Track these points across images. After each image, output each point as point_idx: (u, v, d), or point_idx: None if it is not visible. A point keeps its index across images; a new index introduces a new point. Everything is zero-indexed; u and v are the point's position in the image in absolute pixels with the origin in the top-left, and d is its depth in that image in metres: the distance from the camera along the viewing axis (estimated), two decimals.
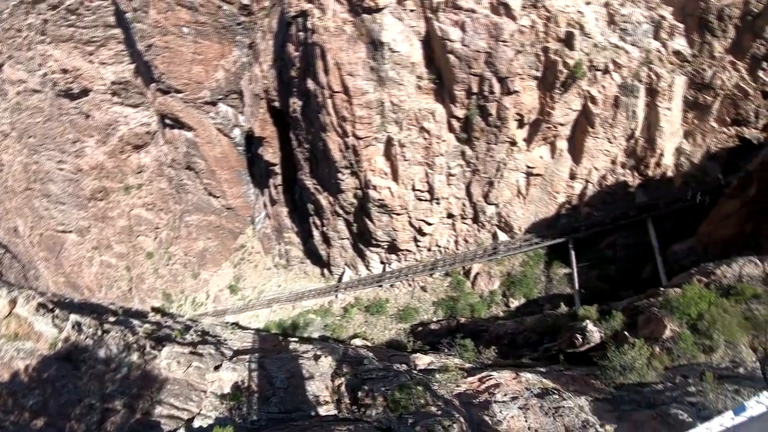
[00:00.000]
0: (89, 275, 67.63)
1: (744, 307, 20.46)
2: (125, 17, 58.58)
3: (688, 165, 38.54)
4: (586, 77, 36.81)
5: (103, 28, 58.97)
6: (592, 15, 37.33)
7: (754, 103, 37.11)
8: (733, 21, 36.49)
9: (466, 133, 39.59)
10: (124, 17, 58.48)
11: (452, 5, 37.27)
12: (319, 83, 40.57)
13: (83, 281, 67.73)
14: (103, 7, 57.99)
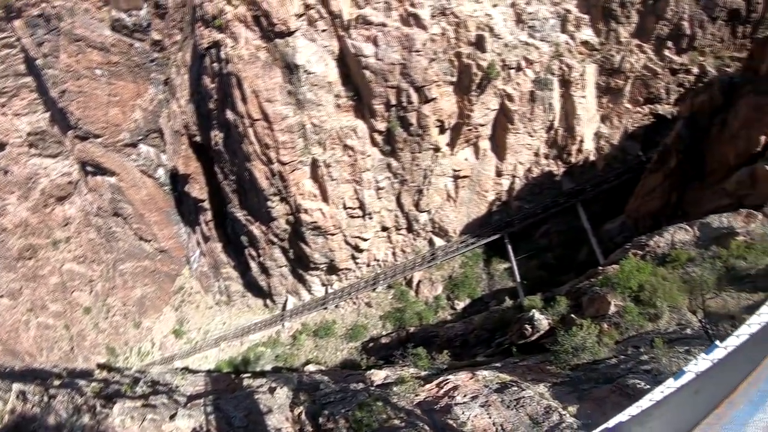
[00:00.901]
0: (27, 340, 63.88)
1: (681, 272, 21.60)
2: (36, 64, 56.29)
3: (608, 147, 40.75)
4: (501, 77, 37.69)
5: (13, 78, 56.43)
6: (500, 16, 38.22)
7: (664, 81, 39.68)
8: (636, 6, 38.65)
9: (389, 146, 39.66)
10: (35, 64, 56.18)
11: (363, 21, 37.84)
12: (238, 113, 40.08)
13: (22, 347, 63.89)
14: (11, 56, 55.50)
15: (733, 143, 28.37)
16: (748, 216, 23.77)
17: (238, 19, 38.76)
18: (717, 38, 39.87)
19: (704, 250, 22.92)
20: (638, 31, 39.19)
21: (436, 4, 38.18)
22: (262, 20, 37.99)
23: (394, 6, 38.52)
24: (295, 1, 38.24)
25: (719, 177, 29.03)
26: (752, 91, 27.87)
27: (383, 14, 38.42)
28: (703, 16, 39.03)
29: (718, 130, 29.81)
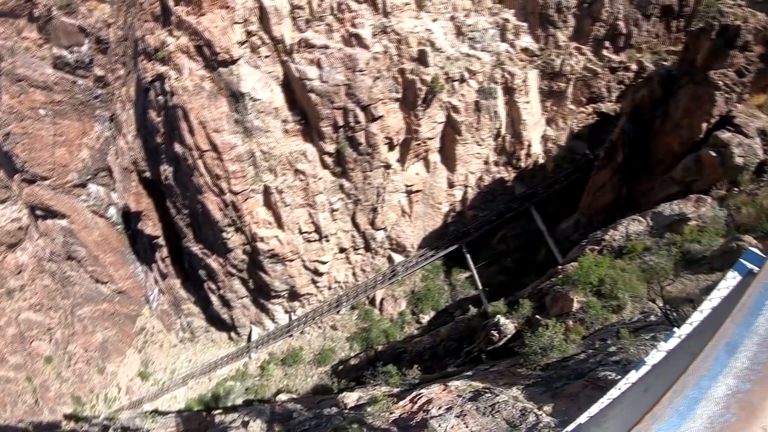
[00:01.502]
0: None
1: (639, 262, 22.28)
2: None
3: (556, 149, 42.24)
4: (445, 89, 38.47)
5: None
6: (440, 30, 38.99)
7: (604, 80, 41.53)
8: (572, 10, 40.02)
9: (340, 167, 39.87)
10: None
11: (305, 45, 38.50)
12: (186, 145, 39.89)
13: None
14: None
15: (676, 133, 29.78)
16: (697, 201, 24.84)
17: (181, 50, 38.82)
18: (652, 34, 41.55)
19: (659, 239, 23.78)
20: (576, 34, 40.49)
21: (377, 23, 38.75)
22: (205, 50, 38.09)
23: (336, 27, 38.97)
24: (236, 29, 38.53)
25: (666, 166, 30.27)
26: (690, 81, 29.26)
27: (325, 36, 38.93)
28: (638, 14, 40.71)
29: (660, 122, 31.15)
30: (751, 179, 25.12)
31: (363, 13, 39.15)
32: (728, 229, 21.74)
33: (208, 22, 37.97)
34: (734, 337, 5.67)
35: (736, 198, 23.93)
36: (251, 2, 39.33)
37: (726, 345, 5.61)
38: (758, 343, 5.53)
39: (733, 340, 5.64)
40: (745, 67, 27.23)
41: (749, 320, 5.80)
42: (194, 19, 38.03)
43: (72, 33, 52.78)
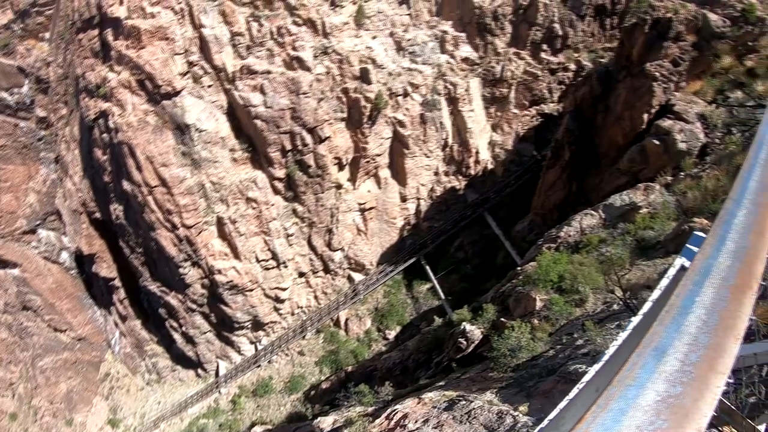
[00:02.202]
0: None
1: (596, 254, 22.90)
2: None
3: (504, 153, 43.46)
4: (389, 105, 39.27)
5: None
6: (380, 47, 39.78)
7: (545, 82, 43.00)
8: (508, 17, 41.19)
9: (292, 191, 40.21)
10: None
11: (248, 71, 39.22)
12: (134, 182, 39.90)
13: None
14: None
15: (619, 125, 30.92)
16: (646, 189, 25.77)
17: (123, 86, 39.10)
18: (588, 34, 43.00)
19: (613, 229, 24.57)
20: (514, 40, 41.71)
21: (318, 45, 39.45)
22: (147, 83, 38.40)
23: (277, 52, 39.51)
24: (177, 60, 39.02)
25: (612, 159, 31.29)
26: (628, 75, 30.52)
27: (267, 62, 39.50)
28: (572, 15, 42.13)
29: (602, 117, 32.40)
30: (694, 163, 26.21)
31: (303, 36, 39.80)
32: (678, 213, 22.81)
33: (149, 55, 38.42)
34: (662, 340, 5.54)
35: (681, 183, 25.01)
36: (191, 32, 39.69)
37: (654, 350, 5.46)
38: (689, 343, 5.42)
39: (662, 344, 5.50)
40: (680, 56, 28.61)
41: (678, 320, 5.71)
42: (134, 53, 38.56)
43: (11, 74, 52.33)
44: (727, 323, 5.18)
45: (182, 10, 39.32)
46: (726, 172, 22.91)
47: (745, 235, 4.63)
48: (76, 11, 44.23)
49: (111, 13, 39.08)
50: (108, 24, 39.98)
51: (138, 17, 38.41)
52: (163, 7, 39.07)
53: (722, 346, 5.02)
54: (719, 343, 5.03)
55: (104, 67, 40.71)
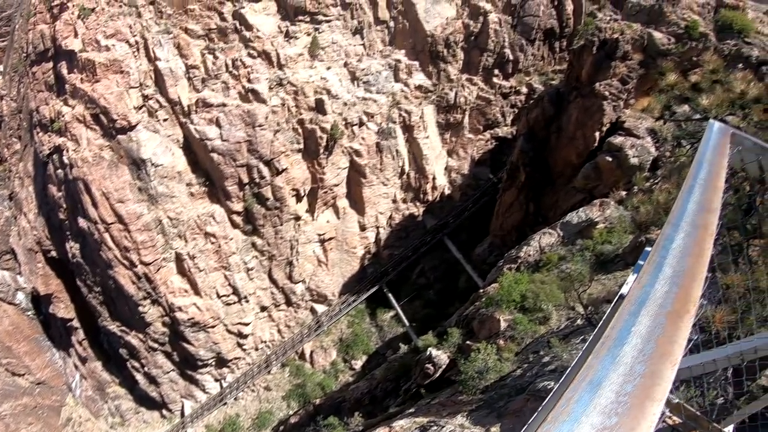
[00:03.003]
0: None
1: (557, 271, 23.22)
2: None
3: (460, 178, 44.48)
4: (345, 135, 40.20)
5: None
6: (335, 78, 40.48)
7: (498, 106, 44.35)
8: (460, 45, 42.10)
9: (250, 224, 40.59)
10: None
11: (203, 104, 40.16)
12: (90, 219, 39.92)
13: None
14: None
15: (572, 145, 31.80)
16: (601, 205, 26.33)
17: (77, 120, 39.32)
18: (538, 57, 44.23)
19: (572, 246, 24.96)
20: (466, 66, 42.81)
21: (272, 76, 40.07)
22: (102, 118, 38.61)
23: (232, 84, 39.99)
24: (132, 94, 39.63)
25: (567, 178, 32.08)
26: (578, 96, 31.51)
27: (222, 94, 40.05)
28: (522, 40, 43.32)
29: (555, 138, 33.32)
30: (645, 177, 26.91)
31: (258, 68, 40.46)
32: (634, 226, 23.43)
33: (103, 88, 38.77)
34: (597, 373, 5.54)
35: (634, 198, 25.63)
36: (146, 65, 40.04)
37: (589, 383, 5.44)
38: (624, 374, 5.40)
39: (597, 377, 5.48)
40: (627, 75, 29.71)
41: (614, 352, 5.71)
42: (89, 87, 38.85)
43: None
44: (663, 350, 5.36)
45: (137, 43, 39.76)
46: (676, 184, 23.73)
47: (683, 259, 4.71)
48: (30, 43, 44.02)
49: (65, 46, 39.41)
50: (62, 57, 40.36)
51: (93, 50, 38.78)
52: (117, 40, 39.45)
53: (658, 373, 5.11)
54: (655, 371, 5.14)
55: (58, 100, 40.93)
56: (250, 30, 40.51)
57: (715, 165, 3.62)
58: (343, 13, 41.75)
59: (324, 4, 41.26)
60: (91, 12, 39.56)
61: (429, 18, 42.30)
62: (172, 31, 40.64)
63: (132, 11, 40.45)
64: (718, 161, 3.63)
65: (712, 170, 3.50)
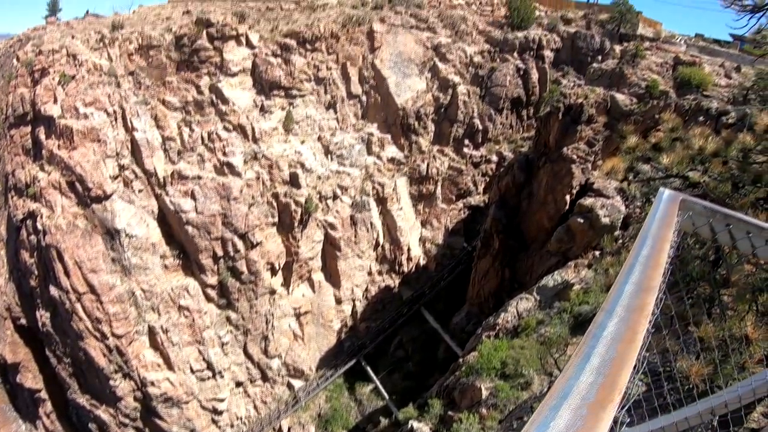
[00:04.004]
0: None
1: (536, 336, 23.45)
2: None
3: (435, 248, 45.72)
4: (320, 208, 41.18)
5: None
6: (309, 152, 41.55)
7: (469, 175, 45.83)
8: (430, 117, 43.59)
9: (225, 298, 41.06)
10: None
11: (178, 176, 41.14)
12: (62, 288, 39.98)
13: None
14: None
15: (543, 209, 33.13)
16: (576, 267, 27.17)
17: (53, 186, 40.04)
18: (507, 126, 46.08)
19: (549, 309, 25.30)
20: (437, 138, 44.44)
21: (248, 150, 41.09)
22: (78, 185, 39.19)
23: (207, 157, 40.89)
24: (109, 163, 40.26)
25: (541, 242, 33.12)
26: (547, 161, 33.22)
27: (197, 167, 40.97)
28: (491, 110, 45.25)
29: (527, 203, 34.81)
30: (614, 238, 27.55)
31: (233, 141, 41.49)
32: (607, 289, 24.13)
33: (80, 156, 39.50)
34: None
35: (602, 261, 26.35)
36: (123, 135, 40.89)
37: None
38: None
39: None
40: (593, 137, 31.52)
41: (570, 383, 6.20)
42: (66, 154, 39.61)
43: None
44: None
45: (115, 113, 40.76)
46: None
47: (613, 346, 4.88)
48: (10, 106, 44.60)
49: (44, 111, 40.08)
50: (41, 122, 41.03)
51: (71, 117, 39.57)
52: (96, 108, 40.33)
53: None
54: None
55: (35, 165, 41.45)
56: (226, 104, 41.92)
57: (659, 240, 3.56)
58: (317, 88, 43.62)
59: (298, 80, 43.04)
60: (71, 79, 40.54)
61: (400, 92, 44.32)
62: (149, 102, 41.83)
63: (111, 80, 41.46)
64: (663, 234, 3.57)
65: (655, 245, 3.42)
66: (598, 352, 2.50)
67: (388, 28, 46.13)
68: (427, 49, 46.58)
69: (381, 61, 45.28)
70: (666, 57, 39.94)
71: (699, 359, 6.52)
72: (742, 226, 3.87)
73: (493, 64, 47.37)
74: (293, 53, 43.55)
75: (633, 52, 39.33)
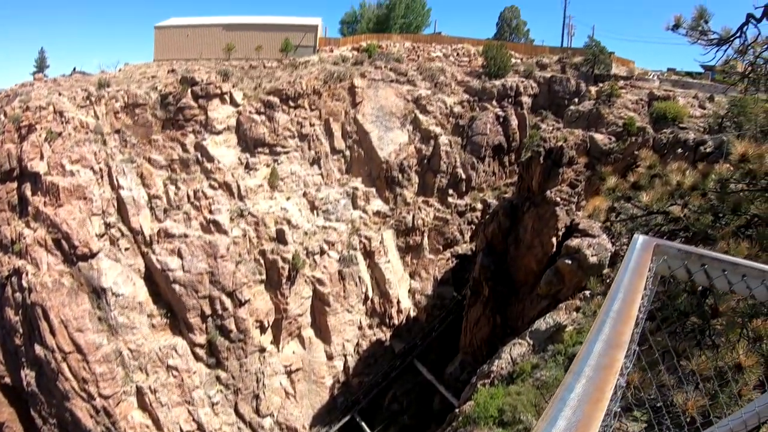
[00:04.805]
0: None
1: (532, 380, 23.56)
2: None
3: (425, 299, 46.21)
4: (307, 264, 41.83)
5: None
6: (294, 208, 42.56)
7: (455, 224, 47.06)
8: (414, 169, 44.60)
9: (214, 357, 41.61)
10: None
11: (165, 234, 42.18)
12: (48, 347, 40.05)
13: None
14: None
15: (531, 253, 33.62)
16: (567, 308, 27.32)
17: (39, 243, 40.13)
18: (489, 173, 47.38)
19: (543, 353, 25.38)
20: (421, 189, 45.55)
21: (234, 207, 42.04)
22: (63, 243, 39.71)
23: (194, 215, 41.73)
24: (95, 221, 40.73)
25: (531, 286, 33.49)
26: (531, 205, 34.05)
27: (184, 225, 41.85)
28: (473, 158, 46.59)
29: (514, 248, 35.28)
30: (600, 280, 27.61)
31: (219, 199, 42.37)
32: None
33: (66, 213, 40.33)
34: None
35: (591, 302, 26.86)
36: (109, 193, 41.57)
37: None
38: None
39: None
40: (575, 179, 32.56)
41: None
42: (52, 211, 40.57)
43: None
44: None
45: (101, 170, 41.54)
46: None
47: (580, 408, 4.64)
48: None
49: (31, 168, 40.76)
50: (27, 178, 41.55)
51: (57, 174, 40.30)
52: (82, 166, 41.11)
53: None
54: None
55: (21, 222, 41.79)
56: (211, 161, 43.03)
57: (630, 292, 3.43)
58: (301, 144, 44.93)
59: (282, 136, 44.38)
60: (57, 136, 41.41)
61: (383, 145, 45.74)
62: (135, 160, 42.83)
63: (98, 138, 42.37)
64: (635, 286, 3.47)
65: (626, 298, 3.32)
66: (565, 415, 2.45)
67: (369, 82, 48.27)
68: (408, 102, 48.63)
69: (363, 115, 47.11)
70: (641, 94, 41.87)
71: (697, 390, 6.48)
72: (717, 264, 3.99)
73: (473, 114, 49.42)
74: (276, 110, 45.22)
75: (608, 91, 41.18)
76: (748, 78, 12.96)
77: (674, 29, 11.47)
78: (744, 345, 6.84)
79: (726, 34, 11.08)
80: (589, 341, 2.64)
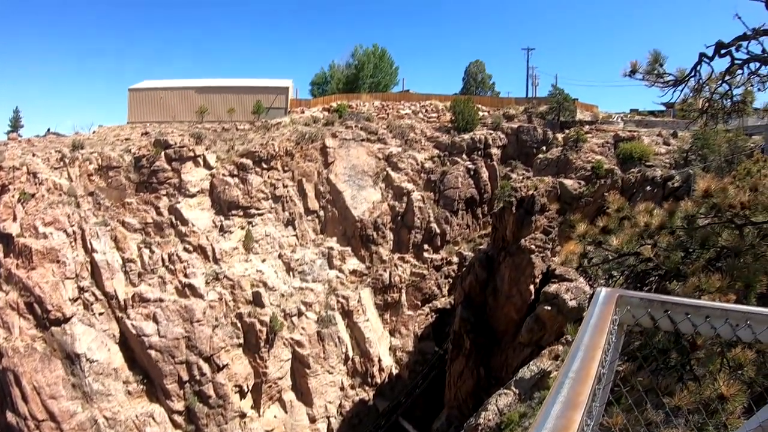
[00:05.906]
0: None
1: (520, 430, 23.58)
2: None
3: (406, 356, 46.92)
4: (285, 326, 42.52)
5: None
6: (270, 270, 43.60)
7: (432, 279, 48.17)
8: (388, 226, 46.34)
9: (193, 424, 41.97)
10: None
11: (140, 299, 42.69)
12: (20, 414, 40.30)
13: None
14: None
15: (510, 302, 34.34)
16: (550, 354, 27.83)
17: (11, 307, 40.51)
18: (463, 226, 49.28)
19: (530, 401, 25.75)
20: (396, 245, 47.07)
21: (209, 271, 42.87)
22: (36, 307, 40.24)
23: (169, 279, 42.50)
24: (68, 285, 40.89)
25: (512, 335, 34.04)
26: (507, 255, 34.94)
27: (159, 289, 42.38)
28: (446, 213, 48.48)
29: (493, 299, 36.06)
30: (581, 320, 29.51)
31: (194, 263, 43.30)
32: None
33: (39, 277, 40.48)
34: None
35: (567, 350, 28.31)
36: (82, 257, 42.07)
37: None
38: None
39: None
40: (548, 225, 33.65)
41: None
42: (24, 273, 40.50)
43: None
44: None
45: (74, 233, 42.13)
46: None
47: None
48: None
49: (3, 229, 40.53)
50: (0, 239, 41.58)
51: (30, 236, 40.60)
52: (55, 228, 41.55)
53: None
54: None
55: None
56: (185, 224, 44.15)
57: (590, 349, 3.32)
58: (275, 206, 46.43)
59: (256, 198, 45.84)
60: (31, 197, 41.97)
61: (356, 204, 47.43)
62: (109, 223, 43.63)
63: (71, 200, 43.07)
64: (595, 343, 3.37)
65: (586, 356, 3.20)
66: None
67: (340, 142, 50.00)
68: (380, 160, 50.34)
69: (335, 175, 48.67)
70: (606, 137, 44.21)
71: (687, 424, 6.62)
72: (680, 309, 4.02)
73: (443, 168, 51.21)
74: (250, 172, 46.72)
75: (575, 137, 43.44)
76: (707, 113, 13.78)
77: (631, 75, 12.32)
78: (725, 375, 7.03)
79: (681, 74, 11.80)
80: (547, 403, 2.66)
